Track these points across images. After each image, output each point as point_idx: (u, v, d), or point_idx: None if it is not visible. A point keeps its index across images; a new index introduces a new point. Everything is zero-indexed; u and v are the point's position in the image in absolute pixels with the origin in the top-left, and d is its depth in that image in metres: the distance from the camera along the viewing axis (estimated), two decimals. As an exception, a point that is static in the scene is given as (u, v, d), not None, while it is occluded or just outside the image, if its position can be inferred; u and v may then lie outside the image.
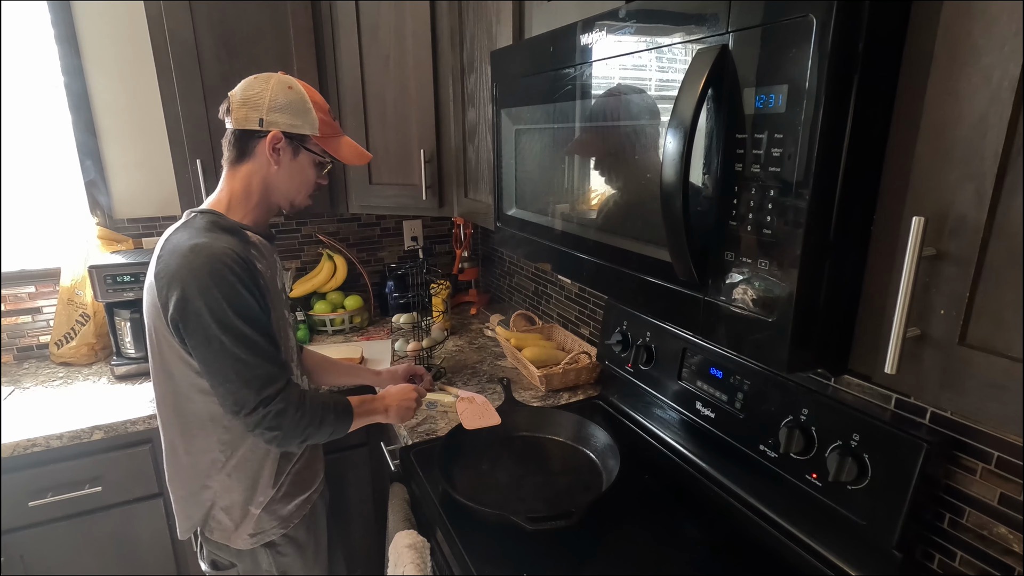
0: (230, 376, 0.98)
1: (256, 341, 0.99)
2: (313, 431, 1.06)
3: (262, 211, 1.11)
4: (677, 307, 0.71)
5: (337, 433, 1.11)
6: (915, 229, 0.48)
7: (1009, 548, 0.78)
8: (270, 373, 1.00)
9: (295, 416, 1.02)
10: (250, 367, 0.98)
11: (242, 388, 0.98)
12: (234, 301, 0.96)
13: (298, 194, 1.13)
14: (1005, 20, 0.43)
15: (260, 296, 1.01)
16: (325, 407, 1.08)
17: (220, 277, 0.95)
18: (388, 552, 1.10)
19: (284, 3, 1.65)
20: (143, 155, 1.91)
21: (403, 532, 1.07)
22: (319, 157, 1.11)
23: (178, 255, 0.97)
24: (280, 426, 1.01)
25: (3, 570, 1.41)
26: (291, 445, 1.08)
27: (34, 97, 1.78)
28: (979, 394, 0.48)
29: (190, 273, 0.95)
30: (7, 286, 1.81)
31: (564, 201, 0.95)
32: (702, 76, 0.59)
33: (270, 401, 1.00)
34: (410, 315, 1.80)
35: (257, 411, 0.99)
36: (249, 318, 0.98)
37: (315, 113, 1.07)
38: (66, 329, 1.80)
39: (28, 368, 1.81)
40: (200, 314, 0.95)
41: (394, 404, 1.22)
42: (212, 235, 1.00)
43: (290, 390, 1.03)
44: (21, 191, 1.82)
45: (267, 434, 1.02)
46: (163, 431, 1.11)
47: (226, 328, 0.96)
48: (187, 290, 0.94)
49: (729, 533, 1.05)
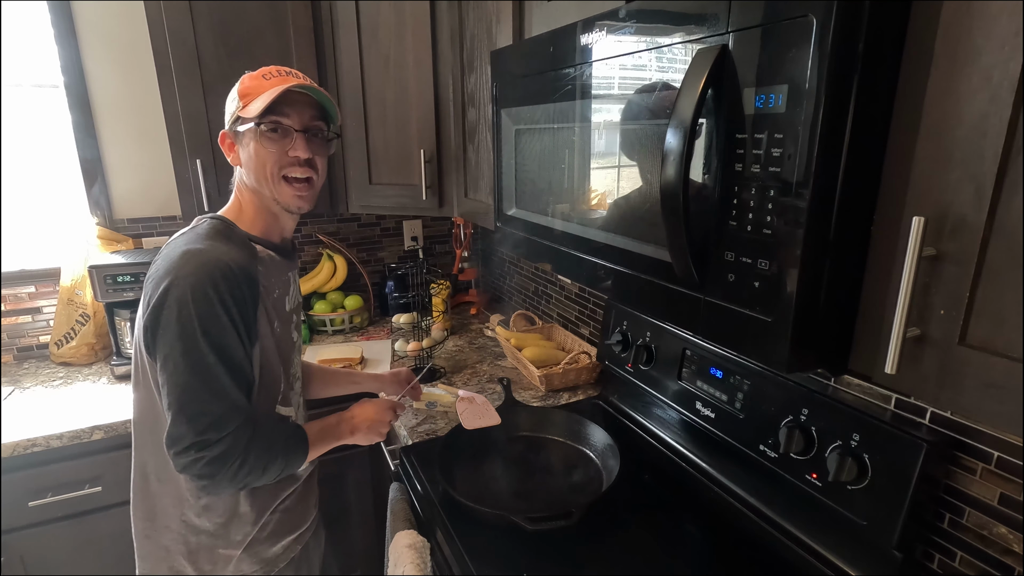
0: (172, 404, 0.86)
1: (216, 374, 0.86)
2: (254, 479, 0.93)
3: (263, 218, 1.00)
4: (677, 307, 0.71)
5: (287, 472, 0.98)
6: (915, 229, 0.48)
7: (1009, 548, 0.78)
8: (219, 414, 0.87)
9: (233, 466, 0.89)
10: (198, 401, 0.86)
11: (182, 423, 0.86)
12: (207, 322, 0.85)
13: (265, 179, 0.95)
14: (1005, 20, 0.43)
15: (244, 321, 0.89)
16: (272, 449, 0.94)
17: (201, 290, 0.85)
18: (388, 552, 1.10)
19: (284, 3, 1.65)
20: (143, 155, 1.91)
21: (403, 532, 1.07)
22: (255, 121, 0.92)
23: (168, 259, 0.88)
24: (213, 475, 0.88)
25: (3, 570, 1.41)
26: (222, 493, 0.96)
27: (34, 97, 1.78)
28: (979, 394, 0.48)
29: (173, 281, 0.85)
30: (7, 286, 1.81)
31: (564, 201, 0.95)
32: (702, 76, 0.59)
33: (207, 445, 0.87)
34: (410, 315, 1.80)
35: (189, 452, 0.87)
36: (218, 345, 0.86)
37: (238, 89, 0.95)
38: (66, 329, 1.80)
39: (28, 368, 1.81)
40: (169, 326, 0.85)
41: (364, 426, 1.08)
42: (211, 243, 0.90)
43: (238, 435, 0.89)
44: (21, 191, 1.82)
45: (195, 480, 0.90)
46: (136, 451, 1.00)
47: (188, 350, 0.85)
48: (164, 298, 0.85)
49: (729, 533, 1.05)
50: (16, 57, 1.73)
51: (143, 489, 1.00)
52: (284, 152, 0.94)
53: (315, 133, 0.98)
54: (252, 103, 0.92)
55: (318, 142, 0.98)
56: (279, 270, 1.02)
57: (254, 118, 0.91)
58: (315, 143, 0.97)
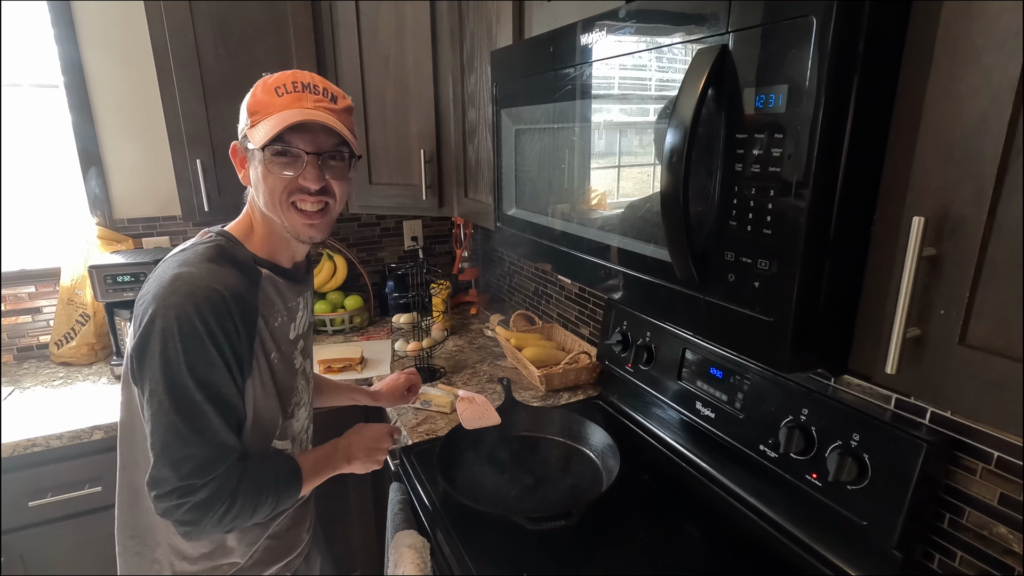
0: (155, 444, 0.80)
1: (203, 412, 0.80)
2: (241, 522, 0.87)
3: (272, 242, 0.92)
4: (677, 307, 0.71)
5: (277, 510, 0.93)
6: (915, 229, 0.48)
7: (1009, 548, 0.78)
8: (205, 457, 0.81)
9: (219, 511, 0.83)
10: (183, 443, 0.79)
11: (164, 466, 0.80)
12: (195, 357, 0.78)
13: (269, 204, 0.87)
14: (1005, 20, 0.43)
15: (235, 355, 0.82)
16: (263, 489, 0.87)
17: (187, 323, 0.77)
18: (388, 552, 1.10)
19: (284, 3, 1.65)
20: (143, 155, 1.91)
21: (403, 532, 1.07)
22: (263, 144, 0.82)
23: (159, 283, 0.81)
24: (196, 521, 0.82)
25: (3, 570, 1.40)
26: (204, 537, 0.89)
27: (34, 97, 1.78)
28: (979, 394, 0.48)
29: (159, 309, 0.78)
30: (7, 286, 1.81)
31: (564, 201, 0.95)
32: (702, 76, 0.59)
33: (191, 491, 0.80)
34: (410, 315, 1.80)
35: (171, 497, 0.80)
36: (206, 382, 0.80)
37: (248, 101, 0.86)
38: (66, 329, 1.80)
39: (28, 368, 1.81)
40: (153, 359, 0.78)
41: (361, 454, 1.02)
42: (207, 266, 0.82)
43: (225, 478, 0.83)
44: (21, 191, 1.82)
45: (177, 526, 0.83)
46: (122, 470, 0.94)
47: (172, 387, 0.78)
48: (150, 327, 0.78)
49: (729, 533, 1.05)
50: (16, 57, 1.73)
51: (132, 507, 0.94)
52: (294, 179, 0.85)
53: (332, 156, 0.87)
54: (259, 125, 0.83)
55: (336, 166, 0.88)
56: (286, 295, 0.94)
57: (259, 146, 0.83)
58: (332, 167, 0.88)
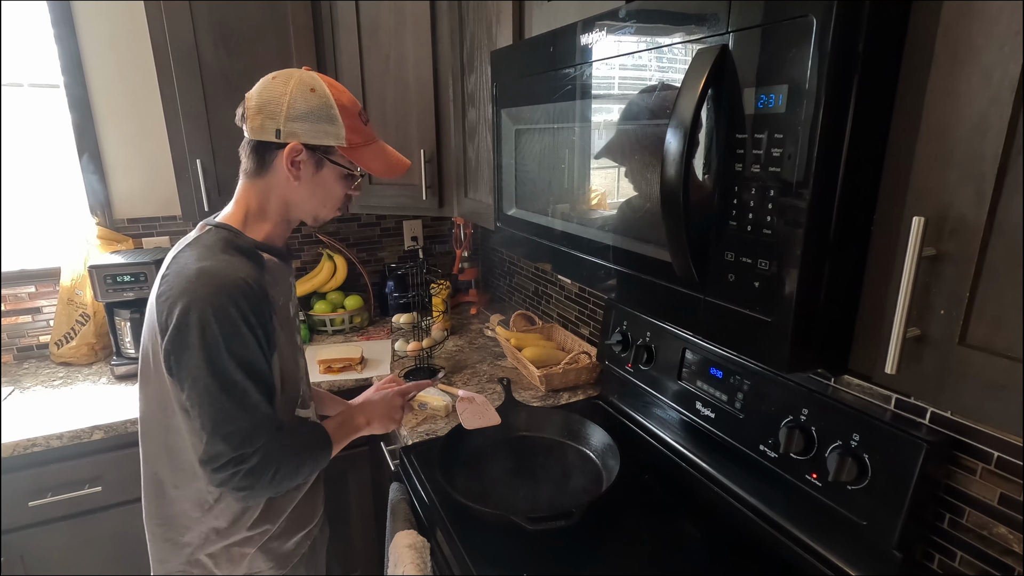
0: (207, 425, 0.89)
1: (245, 389, 0.89)
2: (289, 482, 0.97)
3: (281, 228, 1.02)
4: (677, 307, 0.71)
5: (316, 470, 1.04)
6: (915, 229, 0.48)
7: (1009, 548, 0.78)
8: (252, 428, 0.90)
9: (269, 473, 0.92)
10: (231, 419, 0.88)
11: (218, 442, 0.89)
12: (232, 341, 0.87)
13: (322, 208, 1.01)
14: (1005, 20, 0.43)
15: (264, 334, 0.92)
16: (301, 452, 0.99)
17: (223, 312, 0.86)
18: (388, 552, 1.10)
19: (284, 3, 1.65)
20: (143, 155, 1.91)
21: (403, 532, 1.07)
22: (346, 169, 0.99)
23: (183, 278, 0.88)
24: (252, 485, 0.92)
25: (3, 570, 1.40)
26: (259, 499, 0.99)
27: (34, 97, 1.78)
28: (979, 394, 0.48)
29: (192, 302, 0.85)
30: (7, 286, 1.81)
31: (564, 201, 0.95)
32: (702, 76, 0.59)
33: (245, 459, 0.90)
34: (410, 315, 1.79)
35: (227, 468, 0.89)
36: (245, 362, 0.89)
37: (341, 120, 0.94)
38: (66, 329, 1.80)
39: (28, 368, 1.81)
40: (193, 349, 0.86)
41: (378, 413, 1.14)
42: (224, 257, 0.90)
43: (270, 445, 0.92)
44: (21, 191, 1.82)
45: (235, 492, 0.93)
46: (147, 463, 1.01)
47: (216, 371, 0.87)
48: (187, 319, 0.85)
49: (729, 533, 1.05)
50: (16, 57, 1.73)
51: (158, 497, 1.01)
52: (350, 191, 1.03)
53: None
54: (362, 152, 0.98)
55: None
56: (282, 276, 1.03)
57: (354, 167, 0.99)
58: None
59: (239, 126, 0.97)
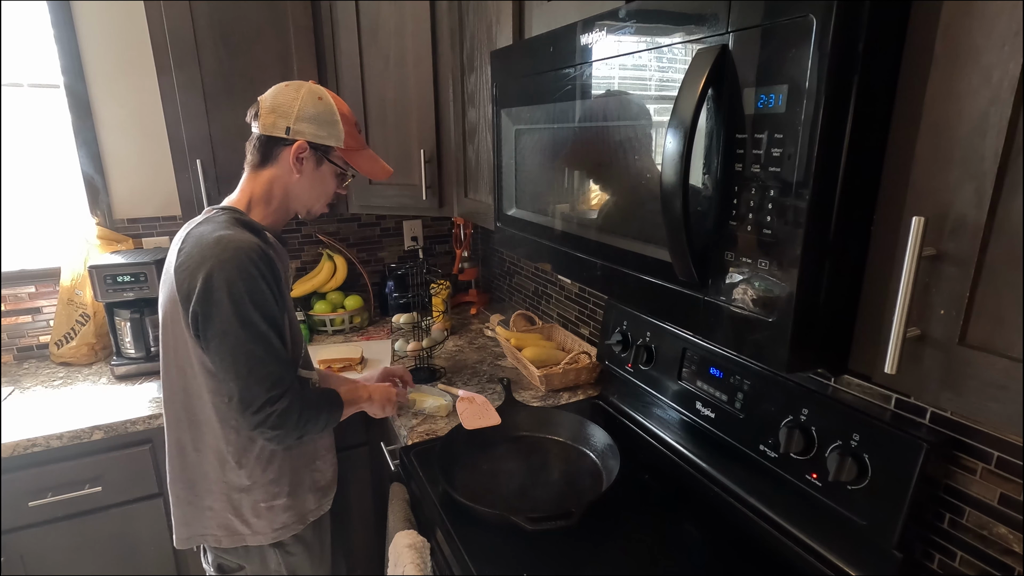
0: (241, 372, 0.99)
1: (270, 338, 1.00)
2: (311, 427, 1.08)
3: (279, 216, 1.14)
4: (677, 307, 0.71)
5: (330, 425, 1.15)
6: (915, 229, 0.48)
7: (1009, 548, 0.78)
8: (279, 372, 1.02)
9: (297, 415, 1.03)
10: (263, 364, 0.99)
11: (253, 385, 0.99)
12: (255, 296, 0.98)
13: (316, 202, 1.16)
14: (1005, 20, 0.43)
15: (278, 293, 1.03)
16: (320, 403, 1.11)
17: (244, 270, 0.97)
18: (388, 552, 1.10)
19: (284, 3, 1.65)
20: (143, 155, 1.91)
21: (403, 532, 1.07)
22: (340, 169, 1.15)
23: (203, 246, 0.98)
24: (282, 425, 1.02)
25: (3, 570, 1.41)
26: (288, 442, 1.09)
27: (34, 97, 1.78)
28: (979, 394, 0.48)
29: (216, 264, 0.96)
30: (7, 286, 1.81)
31: (564, 201, 0.95)
32: (702, 76, 0.59)
33: (276, 400, 1.01)
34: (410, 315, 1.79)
35: (263, 410, 1.00)
36: (268, 314, 1.00)
37: (342, 126, 1.10)
38: (66, 329, 1.80)
39: (28, 368, 1.81)
40: (221, 305, 0.96)
41: (377, 395, 1.26)
42: (236, 229, 1.01)
43: (294, 389, 1.04)
44: (21, 191, 1.82)
45: (268, 432, 1.03)
46: (169, 429, 1.11)
47: (245, 323, 0.97)
48: (212, 280, 0.96)
49: (729, 533, 1.05)
50: (16, 57, 1.73)
51: (181, 461, 1.11)
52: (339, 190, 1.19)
53: None
54: (356, 155, 1.15)
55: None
56: (283, 255, 1.16)
57: (347, 168, 1.15)
58: None
59: (248, 123, 1.10)
